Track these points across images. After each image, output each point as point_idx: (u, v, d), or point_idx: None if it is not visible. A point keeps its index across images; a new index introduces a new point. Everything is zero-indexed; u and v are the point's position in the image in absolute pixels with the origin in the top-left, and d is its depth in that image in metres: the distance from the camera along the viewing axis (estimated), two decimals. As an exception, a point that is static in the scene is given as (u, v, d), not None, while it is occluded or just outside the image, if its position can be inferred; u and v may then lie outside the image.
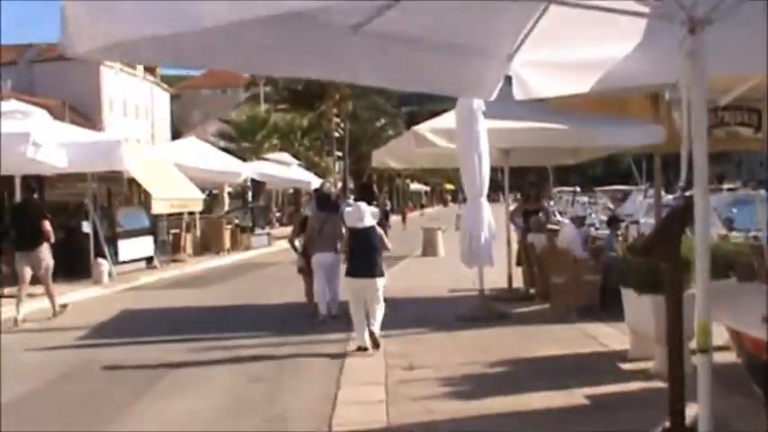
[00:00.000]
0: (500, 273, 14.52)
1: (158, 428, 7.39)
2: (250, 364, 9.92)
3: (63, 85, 69.19)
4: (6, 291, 16.51)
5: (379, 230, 10.93)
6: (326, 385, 8.71)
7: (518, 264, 15.79)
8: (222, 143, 41.07)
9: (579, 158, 17.90)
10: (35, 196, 15.42)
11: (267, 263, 25.53)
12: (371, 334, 10.43)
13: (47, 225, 14.11)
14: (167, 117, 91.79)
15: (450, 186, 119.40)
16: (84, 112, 70.69)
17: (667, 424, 5.09)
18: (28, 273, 14.13)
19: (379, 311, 10.50)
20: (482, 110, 12.36)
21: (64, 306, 14.84)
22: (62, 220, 23.24)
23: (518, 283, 15.35)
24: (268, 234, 32.79)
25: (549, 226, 15.94)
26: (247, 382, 9.06)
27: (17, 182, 16.72)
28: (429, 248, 26.37)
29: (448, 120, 13.17)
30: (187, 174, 24.73)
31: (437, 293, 16.07)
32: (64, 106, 64.88)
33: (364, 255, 10.54)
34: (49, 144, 14.97)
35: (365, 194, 15.50)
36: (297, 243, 13.95)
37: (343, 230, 11.74)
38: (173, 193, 22.28)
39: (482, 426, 6.81)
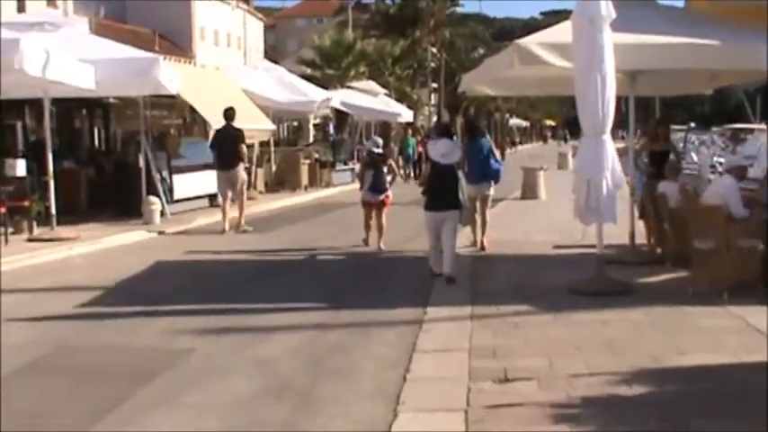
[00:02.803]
0: (618, 225, 11.42)
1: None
2: (279, 362, 7.14)
3: (155, 13, 68.09)
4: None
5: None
6: (378, 407, 5.91)
7: (640, 217, 12.67)
8: (308, 71, 38.29)
9: (714, 86, 14.57)
10: (233, 123, 16.76)
11: (347, 202, 22.85)
12: (449, 279, 10.35)
13: (243, 148, 16.62)
14: (261, 46, 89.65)
15: (550, 122, 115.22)
16: (175, 40, 69.41)
17: None
18: (228, 189, 16.33)
19: (452, 249, 10.56)
20: (609, 17, 9.26)
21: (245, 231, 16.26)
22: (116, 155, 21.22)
23: (640, 238, 12.28)
24: (351, 170, 30.06)
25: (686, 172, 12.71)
26: (264, 396, 6.27)
27: (46, 105, 14.21)
28: (529, 190, 23.27)
29: (562, 31, 10.11)
30: (258, 102, 22.03)
31: (539, 250, 13.15)
32: (154, 34, 63.67)
33: (446, 190, 10.56)
34: (65, 60, 12.39)
35: (471, 132, 13.72)
36: (366, 179, 13.72)
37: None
38: (237, 122, 19.57)
39: None
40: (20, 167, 15.12)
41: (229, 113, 16.81)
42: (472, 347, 7.24)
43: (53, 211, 14.41)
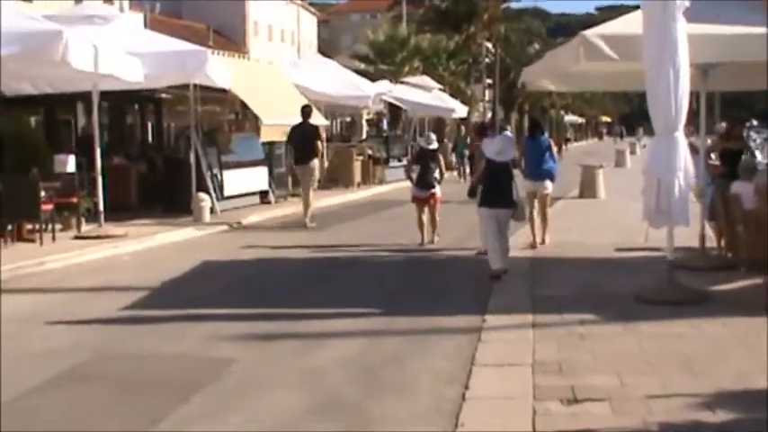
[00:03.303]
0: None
1: None
2: (329, 374, 6.66)
3: (210, 9, 68.47)
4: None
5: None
6: (435, 429, 5.42)
7: (710, 219, 12.01)
8: (362, 66, 37.77)
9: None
10: (310, 120, 17.40)
11: (401, 200, 22.36)
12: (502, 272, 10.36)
13: (319, 145, 17.36)
14: (314, 41, 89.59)
15: (606, 119, 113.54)
16: (229, 35, 69.59)
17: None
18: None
19: (506, 245, 10.73)
20: (683, 5, 8.63)
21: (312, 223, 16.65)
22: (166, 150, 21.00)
23: (708, 242, 11.65)
24: (405, 166, 29.54)
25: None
26: (312, 413, 5.80)
27: (95, 99, 13.91)
28: (587, 189, 22.58)
29: (631, 22, 9.50)
30: (310, 97, 21.63)
31: (601, 252, 12.51)
32: (208, 30, 63.76)
33: (500, 187, 10.60)
34: (111, 53, 12.09)
35: (533, 129, 14.15)
36: (413, 174, 13.94)
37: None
38: (288, 117, 19.21)
39: None
40: (69, 163, 14.89)
41: (306, 110, 17.37)
42: (535, 361, 6.70)
43: (101, 207, 14.15)
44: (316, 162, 17.09)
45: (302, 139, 16.91)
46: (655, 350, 6.96)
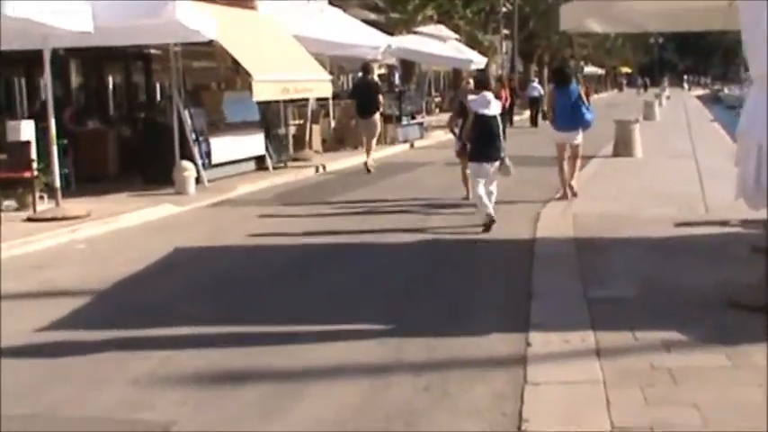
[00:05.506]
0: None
1: None
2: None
3: (216, -39, 65.70)
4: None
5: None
6: None
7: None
8: (372, 16, 35.21)
9: None
10: (370, 77, 19.53)
11: (415, 162, 20.23)
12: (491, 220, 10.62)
13: (380, 99, 18.81)
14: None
15: (626, 69, 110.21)
16: (235, -12, 66.93)
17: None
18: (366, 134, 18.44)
19: (495, 192, 10.98)
20: None
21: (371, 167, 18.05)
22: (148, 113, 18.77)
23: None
24: (420, 124, 27.17)
25: None
26: None
27: (46, 56, 11.64)
28: (622, 147, 20.14)
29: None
30: (312, 49, 19.23)
31: (658, 229, 10.31)
32: (212, -17, 61.18)
33: (491, 140, 10.80)
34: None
35: (560, 79, 13.69)
36: (456, 129, 13.15)
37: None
38: (286, 73, 16.85)
39: None
40: (24, 130, 12.59)
41: (368, 67, 19.56)
42: (615, 426, 4.46)
43: (57, 182, 11.90)
44: (378, 115, 18.46)
45: (365, 93, 18.59)
46: (786, 400, 4.71)
